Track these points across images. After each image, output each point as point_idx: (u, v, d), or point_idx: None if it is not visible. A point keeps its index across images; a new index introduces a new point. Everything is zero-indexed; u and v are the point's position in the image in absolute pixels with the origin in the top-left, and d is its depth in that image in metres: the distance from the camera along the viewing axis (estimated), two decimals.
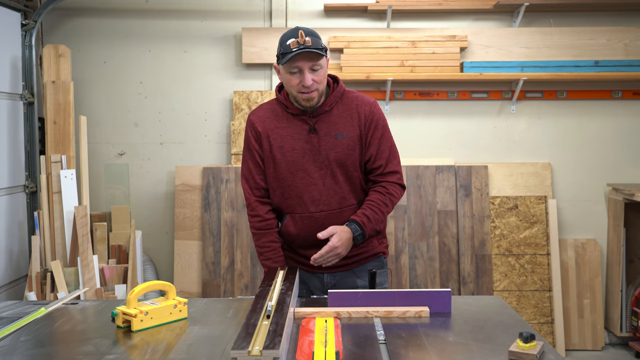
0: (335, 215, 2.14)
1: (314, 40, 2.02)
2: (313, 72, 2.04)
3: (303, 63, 2.02)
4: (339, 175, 2.13)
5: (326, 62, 2.10)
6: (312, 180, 2.13)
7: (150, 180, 4.11)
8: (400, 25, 4.05)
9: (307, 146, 2.12)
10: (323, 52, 2.04)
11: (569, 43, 4.01)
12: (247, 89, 4.08)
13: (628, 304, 3.96)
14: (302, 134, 2.13)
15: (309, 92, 2.05)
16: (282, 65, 2.06)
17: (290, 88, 2.09)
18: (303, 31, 2.02)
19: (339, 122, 2.13)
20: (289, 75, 2.06)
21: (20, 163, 3.54)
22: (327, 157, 2.12)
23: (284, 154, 2.14)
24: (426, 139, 4.11)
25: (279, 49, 2.05)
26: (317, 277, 2.23)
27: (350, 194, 2.16)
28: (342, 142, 2.12)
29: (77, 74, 3.97)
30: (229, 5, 4.07)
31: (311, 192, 2.13)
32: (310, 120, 2.13)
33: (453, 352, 1.53)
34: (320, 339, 1.57)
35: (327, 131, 2.12)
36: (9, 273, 3.40)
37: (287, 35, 2.04)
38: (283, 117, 2.17)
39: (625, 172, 4.13)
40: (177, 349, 1.56)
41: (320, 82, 2.07)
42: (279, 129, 2.15)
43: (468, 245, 3.89)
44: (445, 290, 1.85)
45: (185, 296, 3.69)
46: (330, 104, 2.14)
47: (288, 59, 2.00)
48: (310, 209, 2.14)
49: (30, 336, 1.68)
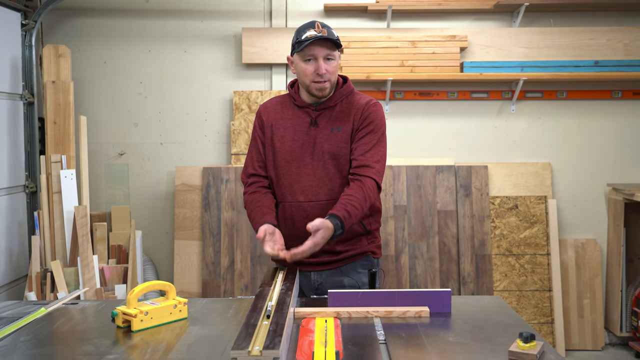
0: (322, 207, 2.15)
1: (329, 31, 2.09)
2: (327, 62, 2.09)
3: (319, 51, 2.07)
4: (330, 167, 2.15)
5: (339, 56, 2.15)
6: (305, 170, 2.17)
7: (150, 180, 4.11)
8: (400, 25, 4.05)
9: (307, 138, 2.17)
10: (338, 44, 2.10)
11: (569, 43, 4.01)
12: (247, 89, 4.08)
13: (628, 304, 3.96)
14: (304, 126, 2.18)
15: (322, 81, 2.10)
16: (297, 54, 2.12)
17: (304, 77, 2.13)
18: (319, 23, 2.09)
19: (338, 117, 2.17)
20: (303, 64, 2.11)
21: (20, 163, 3.54)
22: (321, 148, 2.15)
23: (284, 144, 2.19)
24: (426, 139, 4.11)
25: (294, 38, 2.12)
26: (304, 275, 2.23)
27: (339, 187, 2.17)
28: (336, 135, 2.15)
29: (77, 74, 3.97)
30: (229, 5, 4.07)
31: (302, 182, 2.17)
32: (313, 113, 2.18)
33: (453, 352, 1.53)
34: (320, 339, 1.57)
35: (325, 125, 2.17)
36: (9, 273, 3.40)
37: (304, 26, 2.11)
38: (289, 109, 2.22)
39: (625, 172, 4.13)
40: (177, 349, 1.56)
41: (333, 73, 2.12)
42: (284, 120, 2.21)
43: (468, 245, 3.89)
44: (445, 290, 1.85)
45: (185, 296, 3.69)
46: (335, 101, 2.18)
47: (305, 45, 2.06)
48: (299, 198, 2.17)
49: (30, 336, 1.68)
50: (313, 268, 2.20)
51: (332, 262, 2.20)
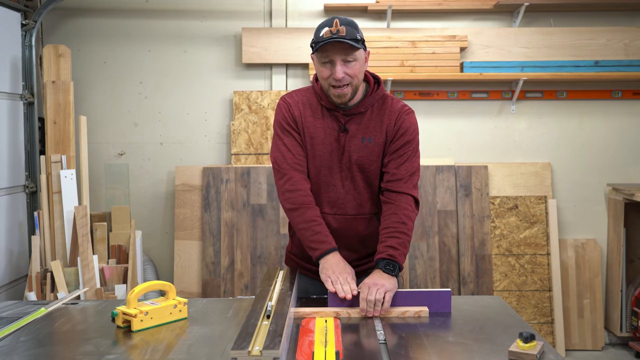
0: (349, 222, 2.05)
1: (348, 30, 1.87)
2: (346, 65, 1.90)
3: (335, 54, 1.88)
4: (359, 180, 2.03)
5: (364, 56, 1.95)
6: (332, 180, 2.03)
7: (150, 180, 4.11)
8: (400, 25, 4.05)
9: (336, 144, 2.01)
10: (358, 43, 1.88)
11: (569, 43, 4.01)
12: (247, 89, 4.08)
13: (628, 304, 3.96)
14: (333, 131, 2.01)
15: (340, 85, 1.91)
16: (314, 55, 1.94)
17: (322, 80, 1.96)
18: (339, 20, 1.88)
19: (369, 125, 2.01)
20: (320, 67, 1.94)
21: (20, 163, 3.54)
22: (349, 159, 2.01)
23: (314, 146, 2.02)
24: (426, 139, 4.09)
25: (313, 37, 1.93)
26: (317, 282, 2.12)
27: (368, 201, 2.05)
28: (367, 147, 2.00)
29: (77, 74, 3.97)
30: (229, 5, 4.07)
31: (329, 193, 2.04)
32: (343, 119, 2.01)
33: (453, 352, 1.53)
34: (320, 339, 1.57)
35: (355, 133, 2.00)
36: (9, 273, 3.40)
37: (323, 24, 1.91)
38: (317, 107, 2.04)
39: (625, 172, 4.13)
40: (177, 349, 1.56)
41: (355, 76, 1.92)
42: (313, 119, 2.03)
43: (468, 245, 3.89)
44: (445, 290, 1.85)
45: (185, 296, 3.69)
46: (366, 106, 2.01)
47: (318, 47, 1.88)
48: (325, 210, 2.05)
49: (30, 336, 1.68)
50: None
51: None
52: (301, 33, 3.98)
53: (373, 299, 1.78)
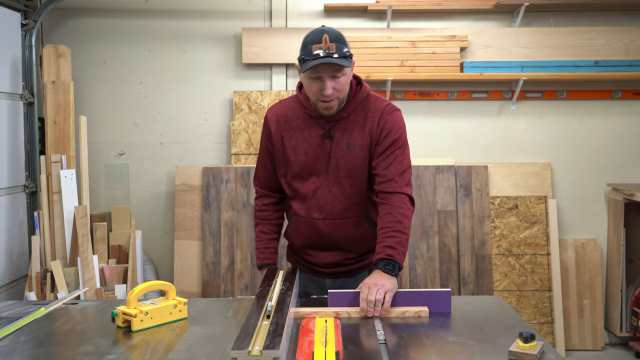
0: (339, 226, 2.08)
1: (338, 46, 1.87)
2: (334, 80, 1.91)
3: (325, 72, 1.89)
4: (346, 185, 2.05)
5: (350, 69, 1.96)
6: (319, 186, 2.06)
7: (150, 180, 4.11)
8: (400, 25, 4.05)
9: (320, 151, 2.04)
10: (347, 60, 1.89)
11: (568, 43, 4.01)
12: (247, 89, 4.08)
13: (628, 304, 3.96)
14: (317, 139, 2.04)
15: (328, 100, 1.95)
16: (302, 68, 1.93)
17: (310, 94, 1.99)
18: (328, 35, 1.88)
19: (353, 129, 2.03)
20: (309, 81, 1.95)
21: (20, 163, 3.54)
22: (336, 165, 2.04)
23: (297, 157, 2.07)
24: (426, 139, 4.11)
25: (301, 52, 1.92)
26: (317, 280, 2.21)
27: (356, 205, 2.07)
28: (352, 152, 2.02)
29: (77, 74, 3.97)
30: (229, 5, 4.07)
31: (317, 199, 2.07)
32: (327, 125, 2.03)
33: (453, 352, 1.53)
34: (320, 339, 1.57)
35: (340, 138, 2.03)
36: (9, 273, 3.40)
37: (311, 38, 1.90)
38: (300, 117, 2.07)
39: (625, 172, 4.13)
40: (177, 349, 1.56)
41: (342, 91, 1.96)
42: (295, 130, 2.07)
43: (468, 245, 3.89)
44: (445, 290, 1.85)
45: (185, 296, 3.69)
46: (349, 111, 2.03)
47: (308, 67, 1.87)
48: (314, 215, 2.09)
49: (30, 336, 1.68)
50: (329, 276, 2.19)
51: (348, 271, 2.18)
52: (301, 33, 3.98)
53: (373, 299, 1.79)
